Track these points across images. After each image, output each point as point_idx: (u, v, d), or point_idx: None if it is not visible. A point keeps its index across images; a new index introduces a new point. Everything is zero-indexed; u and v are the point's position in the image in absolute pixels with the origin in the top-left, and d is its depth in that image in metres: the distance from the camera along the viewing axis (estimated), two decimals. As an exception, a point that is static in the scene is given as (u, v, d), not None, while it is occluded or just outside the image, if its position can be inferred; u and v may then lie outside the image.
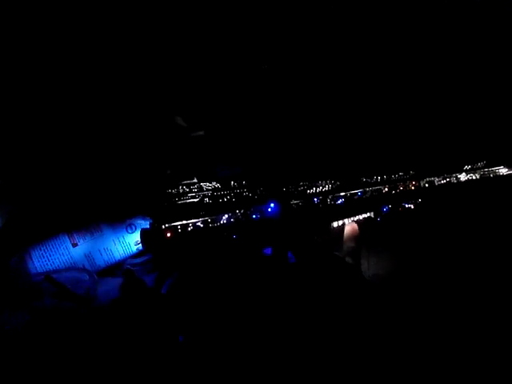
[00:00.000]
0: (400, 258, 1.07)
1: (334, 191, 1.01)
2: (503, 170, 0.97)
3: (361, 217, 1.04)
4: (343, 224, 1.05)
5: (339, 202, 0.95)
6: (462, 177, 0.96)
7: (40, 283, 0.89)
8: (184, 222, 1.02)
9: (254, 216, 0.97)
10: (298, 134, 1.23)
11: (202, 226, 0.96)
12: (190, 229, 0.99)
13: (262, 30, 1.21)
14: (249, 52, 1.23)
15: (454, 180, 0.96)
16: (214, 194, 1.21)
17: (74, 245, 0.97)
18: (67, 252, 0.95)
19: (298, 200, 1.01)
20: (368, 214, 1.05)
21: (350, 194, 0.93)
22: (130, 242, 1.02)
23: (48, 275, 0.90)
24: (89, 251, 0.97)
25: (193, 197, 1.24)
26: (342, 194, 0.95)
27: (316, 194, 0.99)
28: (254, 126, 1.29)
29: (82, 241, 0.98)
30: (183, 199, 1.23)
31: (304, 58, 1.21)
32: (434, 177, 0.96)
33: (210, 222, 1.01)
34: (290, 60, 1.22)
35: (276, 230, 0.99)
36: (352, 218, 1.04)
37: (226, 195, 1.19)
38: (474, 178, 0.96)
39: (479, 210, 1.02)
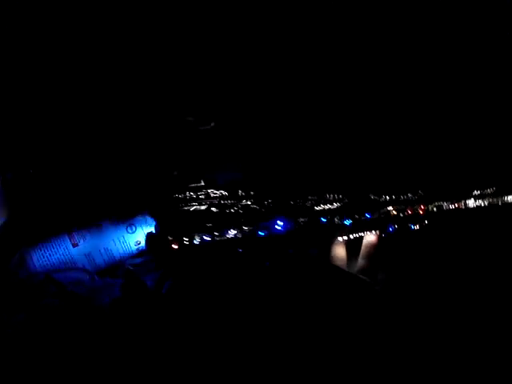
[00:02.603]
0: (404, 273, 1.08)
1: (341, 209, 1.01)
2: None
3: (369, 234, 1.06)
4: (359, 244, 1.07)
5: (347, 223, 0.96)
6: (471, 203, 0.95)
7: (40, 283, 0.90)
8: (191, 234, 1.02)
9: (260, 233, 0.97)
10: (308, 147, 1.22)
11: (209, 239, 0.96)
12: (196, 242, 1.00)
13: (265, 31, 1.18)
14: (256, 54, 1.20)
15: (462, 206, 0.96)
16: (221, 203, 1.21)
17: (75, 245, 0.98)
18: (67, 252, 0.96)
19: (305, 217, 1.01)
20: (374, 233, 1.06)
21: (358, 215, 0.94)
22: (130, 241, 1.02)
23: (48, 275, 0.91)
24: (89, 251, 0.98)
25: (199, 203, 1.24)
26: (350, 215, 0.95)
27: (324, 212, 0.99)
28: (263, 133, 1.28)
29: (82, 241, 0.98)
30: (190, 205, 1.23)
31: (314, 66, 1.19)
32: (443, 201, 0.96)
33: (216, 236, 1.01)
34: (299, 67, 1.20)
35: (281, 245, 1.00)
36: (366, 235, 1.05)
37: (232, 205, 1.19)
38: (482, 204, 0.96)
39: (484, 236, 1.03)
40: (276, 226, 0.93)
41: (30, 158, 1.10)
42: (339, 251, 1.07)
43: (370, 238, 1.06)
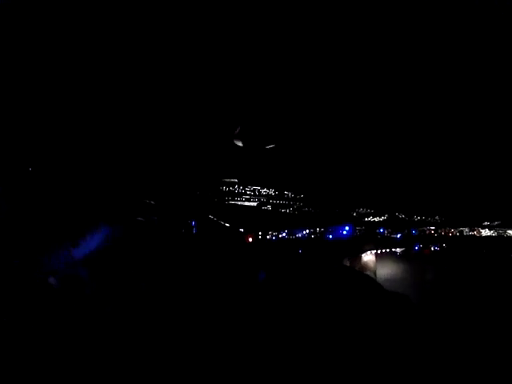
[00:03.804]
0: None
1: (389, 223, 1.28)
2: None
3: (395, 250, 1.34)
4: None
5: (398, 236, 1.23)
6: (484, 232, 1.27)
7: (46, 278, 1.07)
8: (266, 230, 1.22)
9: (329, 236, 1.21)
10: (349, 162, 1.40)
11: (284, 236, 1.18)
12: (270, 237, 1.20)
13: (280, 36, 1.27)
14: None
15: (476, 234, 1.27)
16: (271, 202, 1.39)
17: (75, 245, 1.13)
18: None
19: (362, 227, 1.27)
20: (400, 249, 1.35)
21: (407, 231, 1.21)
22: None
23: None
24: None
25: (247, 200, 1.40)
26: (400, 230, 1.22)
27: (376, 224, 1.26)
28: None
29: (82, 241, 1.14)
30: (237, 200, 1.39)
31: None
32: (464, 227, 1.27)
33: (288, 234, 1.23)
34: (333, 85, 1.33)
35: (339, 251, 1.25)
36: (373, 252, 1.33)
37: (285, 206, 1.37)
38: (490, 234, 1.28)
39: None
40: (343, 232, 1.17)
41: (29, 157, 1.15)
42: (370, 260, 1.34)
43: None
